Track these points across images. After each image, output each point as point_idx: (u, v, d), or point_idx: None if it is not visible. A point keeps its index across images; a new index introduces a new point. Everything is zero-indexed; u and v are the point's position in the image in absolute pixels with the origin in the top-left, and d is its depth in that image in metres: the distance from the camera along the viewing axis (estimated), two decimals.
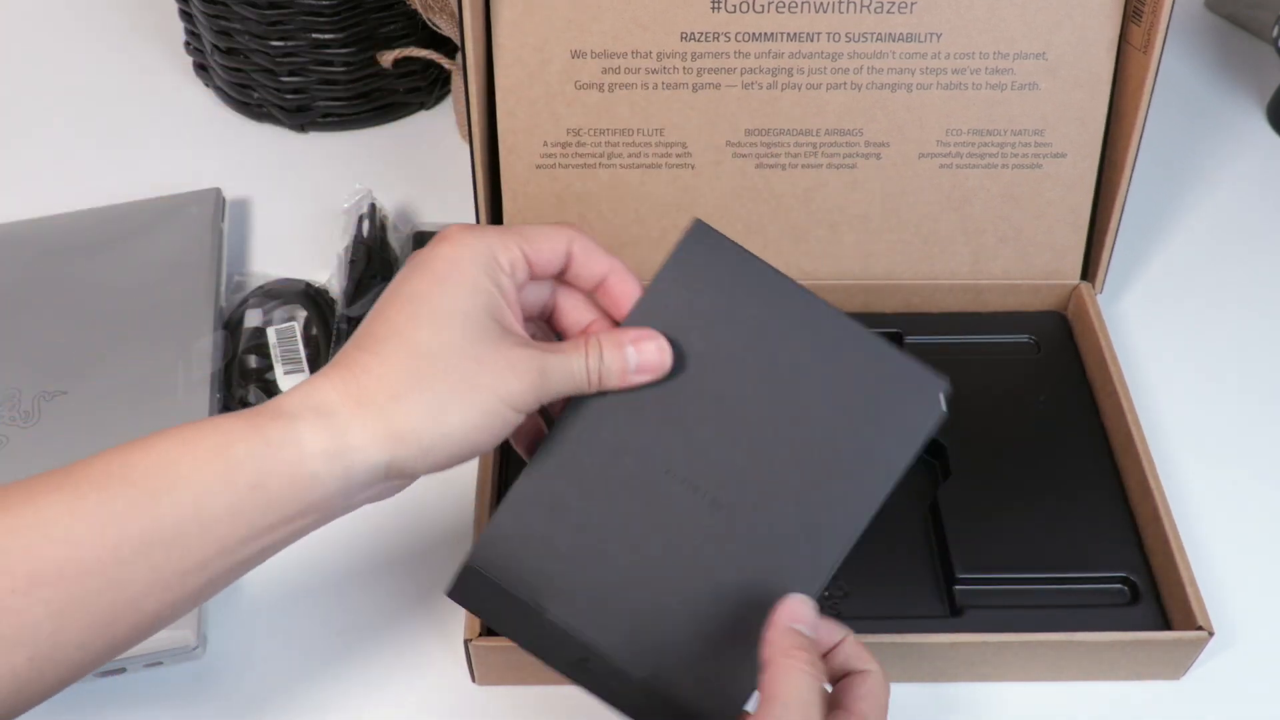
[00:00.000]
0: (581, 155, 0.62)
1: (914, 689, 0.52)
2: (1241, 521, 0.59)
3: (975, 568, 0.53)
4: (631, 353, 0.43)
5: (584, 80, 0.60)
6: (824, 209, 0.63)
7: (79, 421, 0.58)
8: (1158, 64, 0.58)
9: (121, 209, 0.70)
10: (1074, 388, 0.62)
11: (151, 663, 0.51)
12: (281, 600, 0.55)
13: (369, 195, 0.71)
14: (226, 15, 0.75)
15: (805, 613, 0.42)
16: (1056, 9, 0.59)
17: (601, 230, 0.63)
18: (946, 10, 0.59)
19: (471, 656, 0.50)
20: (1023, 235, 0.64)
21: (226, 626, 0.54)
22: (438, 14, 0.72)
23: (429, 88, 0.82)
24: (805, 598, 0.42)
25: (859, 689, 0.41)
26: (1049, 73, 0.60)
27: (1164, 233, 0.74)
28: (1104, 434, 0.59)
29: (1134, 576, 0.53)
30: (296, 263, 0.70)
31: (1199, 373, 0.66)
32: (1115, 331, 0.66)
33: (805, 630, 0.41)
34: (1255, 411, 0.64)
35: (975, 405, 0.60)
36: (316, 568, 0.56)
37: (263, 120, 0.81)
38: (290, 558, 0.56)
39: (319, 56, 0.76)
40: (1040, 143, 0.62)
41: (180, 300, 0.64)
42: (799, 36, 0.59)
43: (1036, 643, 0.50)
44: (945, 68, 0.60)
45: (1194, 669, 0.53)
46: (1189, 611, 0.51)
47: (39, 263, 0.66)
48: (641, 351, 0.43)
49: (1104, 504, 0.56)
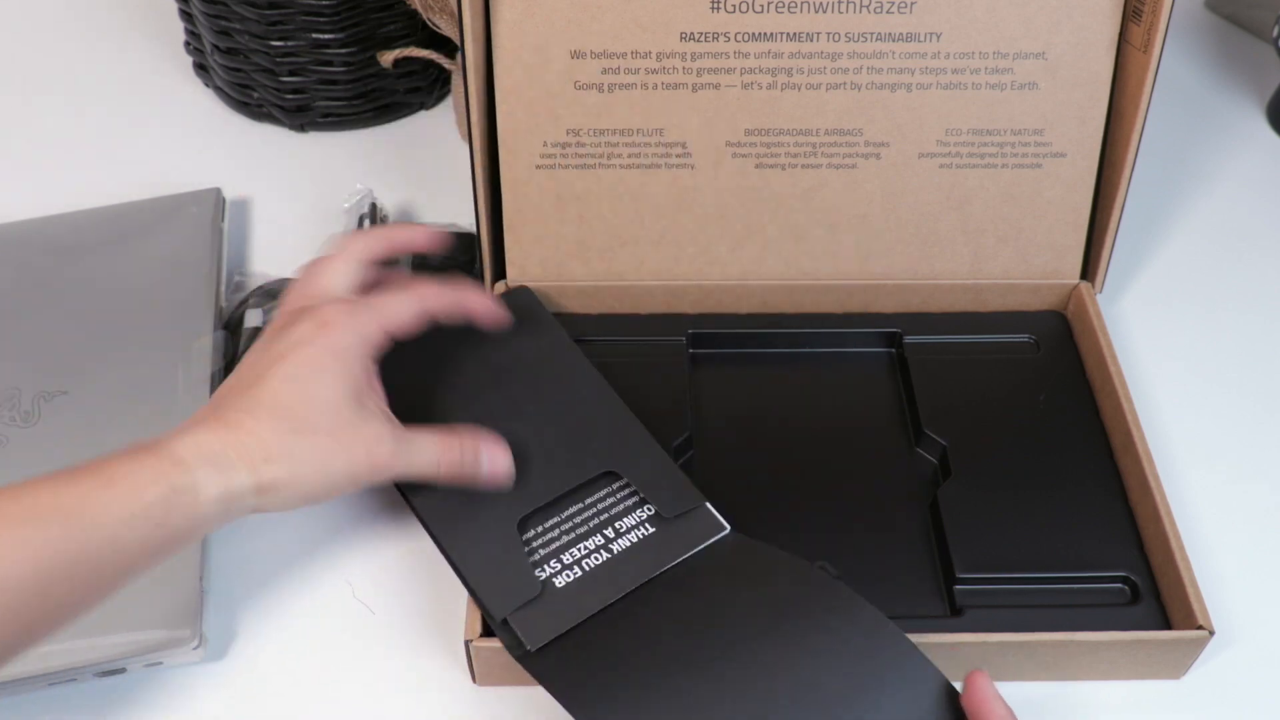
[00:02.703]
0: (581, 155, 0.62)
1: None
2: (1242, 521, 0.59)
3: (975, 567, 0.53)
4: (485, 458, 0.51)
5: (584, 80, 0.60)
6: (824, 209, 0.63)
7: (79, 421, 0.58)
8: (1157, 63, 0.58)
9: (121, 209, 0.70)
10: (1074, 387, 0.62)
11: (151, 663, 0.51)
12: (281, 601, 0.55)
13: (369, 195, 0.71)
14: (226, 15, 0.75)
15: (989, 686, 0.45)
16: (1056, 9, 0.59)
17: (601, 230, 0.63)
18: (946, 10, 0.59)
19: (471, 656, 0.50)
20: (1022, 235, 0.64)
21: (226, 626, 0.54)
22: (438, 14, 0.72)
23: (429, 88, 0.82)
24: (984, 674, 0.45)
25: None
26: (1049, 72, 0.60)
27: (1164, 232, 0.74)
28: (1104, 433, 0.59)
29: (1134, 576, 0.54)
30: (296, 263, 0.70)
31: (1199, 372, 0.66)
32: (1115, 331, 0.66)
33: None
34: (1255, 410, 0.64)
35: (975, 405, 0.60)
36: (316, 568, 0.56)
37: (263, 120, 0.81)
38: (290, 558, 0.56)
39: (319, 56, 0.76)
40: (1040, 142, 0.62)
41: (180, 300, 0.64)
42: (799, 36, 0.59)
43: (1037, 642, 0.50)
44: (945, 67, 0.60)
45: (1194, 668, 0.53)
46: (1189, 611, 0.51)
47: (39, 263, 0.66)
48: (494, 460, 0.52)
49: (1104, 503, 0.56)
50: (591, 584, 0.50)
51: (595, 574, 0.50)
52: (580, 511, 0.53)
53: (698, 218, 0.63)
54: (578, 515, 0.53)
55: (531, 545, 0.52)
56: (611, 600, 0.49)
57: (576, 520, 0.52)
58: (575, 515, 0.53)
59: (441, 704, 0.51)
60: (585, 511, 0.53)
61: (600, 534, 0.52)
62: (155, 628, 0.51)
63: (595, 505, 0.53)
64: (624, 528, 0.52)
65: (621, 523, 0.52)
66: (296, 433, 0.46)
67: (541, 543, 0.52)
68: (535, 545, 0.52)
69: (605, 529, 0.52)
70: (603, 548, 0.51)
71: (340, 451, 0.47)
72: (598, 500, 0.53)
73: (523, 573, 0.50)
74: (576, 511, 0.53)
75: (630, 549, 0.51)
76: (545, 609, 0.49)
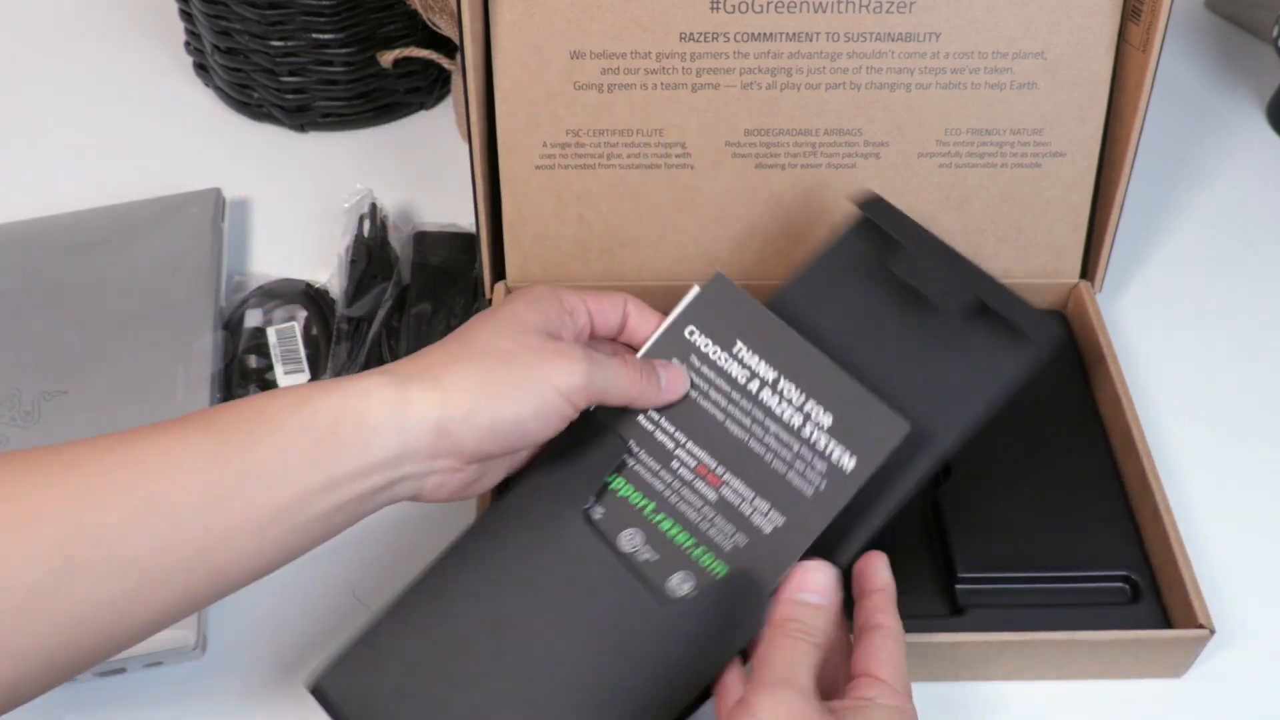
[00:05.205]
0: (581, 156, 0.62)
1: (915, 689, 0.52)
2: (1242, 519, 0.59)
3: (976, 567, 0.53)
4: (663, 376, 0.48)
5: (583, 81, 0.60)
6: (824, 209, 0.63)
7: (79, 421, 0.58)
8: (1157, 63, 0.58)
9: (121, 209, 0.70)
10: (1074, 387, 0.62)
11: (151, 663, 0.51)
12: (281, 601, 0.55)
13: (369, 195, 0.71)
14: (226, 15, 0.75)
15: (814, 580, 0.44)
16: (1055, 8, 0.59)
17: (601, 230, 0.63)
18: (945, 10, 0.59)
19: None
20: (1022, 234, 0.64)
21: (226, 626, 0.54)
22: (438, 14, 0.72)
23: (429, 88, 0.82)
24: (819, 563, 0.44)
25: (877, 652, 0.42)
26: (1048, 72, 0.60)
27: (1163, 232, 0.74)
28: (1104, 432, 0.59)
29: (1135, 575, 0.54)
30: (296, 263, 0.70)
31: (1198, 371, 0.66)
32: (1114, 330, 0.66)
33: (815, 599, 0.42)
34: (1255, 409, 0.64)
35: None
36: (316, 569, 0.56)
37: (263, 120, 0.81)
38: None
39: (319, 56, 0.76)
40: (1039, 142, 0.62)
41: (180, 300, 0.64)
42: (798, 36, 0.59)
43: (1038, 642, 0.50)
44: (944, 67, 0.60)
45: (1195, 667, 0.53)
46: (1190, 610, 0.51)
47: (39, 263, 0.66)
48: (671, 376, 0.49)
49: (1104, 502, 0.56)
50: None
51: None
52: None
53: (698, 218, 0.63)
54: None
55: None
56: None
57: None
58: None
59: None
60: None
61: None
62: None
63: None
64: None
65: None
66: (480, 350, 0.43)
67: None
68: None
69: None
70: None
71: (523, 375, 0.43)
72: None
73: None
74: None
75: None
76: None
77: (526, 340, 0.44)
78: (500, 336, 0.44)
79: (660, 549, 0.47)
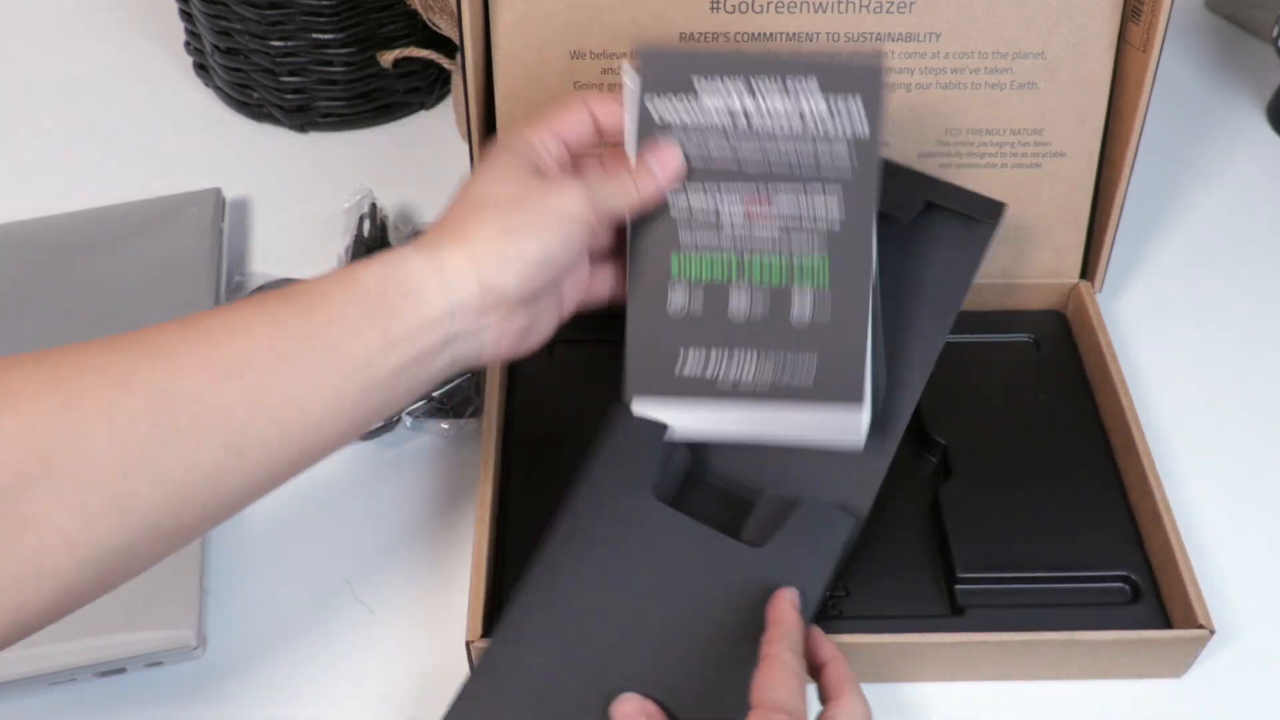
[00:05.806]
0: None
1: (915, 689, 0.52)
2: (1242, 519, 0.59)
3: (976, 567, 0.53)
4: (655, 165, 0.50)
5: (583, 81, 0.60)
6: None
7: None
8: (1157, 63, 0.58)
9: (121, 209, 0.70)
10: (1074, 386, 0.62)
11: (151, 663, 0.51)
12: (282, 601, 0.55)
13: (369, 195, 0.71)
14: (226, 15, 0.75)
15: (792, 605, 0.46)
16: (1055, 8, 0.59)
17: None
18: (945, 10, 0.59)
19: (472, 657, 0.50)
20: (1022, 234, 0.64)
21: (226, 626, 0.54)
22: (438, 14, 0.72)
23: (429, 88, 0.82)
24: (792, 591, 0.47)
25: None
26: (1048, 72, 0.60)
27: (1163, 232, 0.74)
28: (1104, 432, 0.59)
29: (1135, 575, 0.54)
30: (296, 263, 0.70)
31: (1198, 371, 0.66)
32: (1115, 330, 0.66)
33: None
34: (1255, 409, 0.64)
35: (975, 404, 0.60)
36: (316, 568, 0.56)
37: (263, 120, 0.81)
38: (290, 558, 0.56)
39: (319, 56, 0.76)
40: (1039, 142, 0.62)
41: (180, 300, 0.64)
42: (798, 37, 0.59)
43: (1037, 642, 0.50)
44: (944, 67, 0.60)
45: (1195, 667, 0.53)
46: (1190, 610, 0.51)
47: (39, 263, 0.66)
48: (661, 158, 0.50)
49: (1104, 502, 0.56)
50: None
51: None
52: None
53: None
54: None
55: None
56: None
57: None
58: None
59: (442, 705, 0.51)
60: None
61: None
62: (155, 628, 0.51)
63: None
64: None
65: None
66: (484, 201, 0.47)
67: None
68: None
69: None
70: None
71: (534, 212, 0.47)
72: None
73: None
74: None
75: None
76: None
77: (524, 182, 0.47)
78: (498, 185, 0.47)
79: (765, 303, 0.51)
